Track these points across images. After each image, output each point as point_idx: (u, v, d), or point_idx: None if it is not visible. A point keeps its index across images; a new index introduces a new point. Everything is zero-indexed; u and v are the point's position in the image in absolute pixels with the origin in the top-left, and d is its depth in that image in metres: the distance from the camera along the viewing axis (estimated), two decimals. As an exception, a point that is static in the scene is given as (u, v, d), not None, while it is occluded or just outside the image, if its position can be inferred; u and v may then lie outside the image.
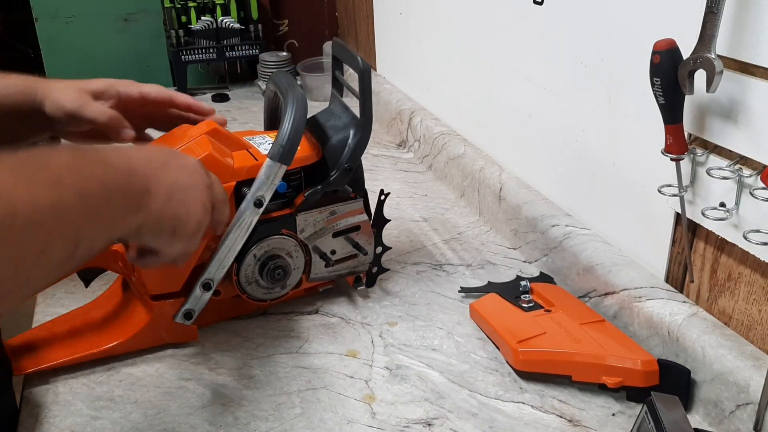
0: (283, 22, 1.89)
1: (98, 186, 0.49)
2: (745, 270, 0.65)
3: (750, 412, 0.60)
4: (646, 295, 0.72)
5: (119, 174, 0.52)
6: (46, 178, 0.45)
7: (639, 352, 0.68)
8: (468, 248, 0.97)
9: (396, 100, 1.40)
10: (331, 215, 0.79)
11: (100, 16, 2.05)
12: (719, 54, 0.59)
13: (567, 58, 0.86)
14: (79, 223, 0.47)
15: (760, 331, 0.64)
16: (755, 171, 0.60)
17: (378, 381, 0.71)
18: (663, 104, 0.64)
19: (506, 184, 0.99)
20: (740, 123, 0.61)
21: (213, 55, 1.69)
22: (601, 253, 0.81)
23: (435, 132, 1.21)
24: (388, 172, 1.24)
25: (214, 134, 0.73)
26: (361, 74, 0.75)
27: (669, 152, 0.65)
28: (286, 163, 0.70)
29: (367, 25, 1.60)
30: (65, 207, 0.45)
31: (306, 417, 0.66)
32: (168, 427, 0.65)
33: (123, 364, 0.73)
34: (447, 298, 0.86)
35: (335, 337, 0.78)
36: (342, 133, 0.78)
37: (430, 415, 0.67)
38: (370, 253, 0.83)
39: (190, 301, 0.72)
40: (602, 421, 0.66)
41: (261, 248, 0.75)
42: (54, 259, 0.45)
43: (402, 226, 1.03)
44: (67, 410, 0.67)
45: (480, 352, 0.76)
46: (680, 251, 0.72)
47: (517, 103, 0.99)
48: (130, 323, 0.74)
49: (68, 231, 0.46)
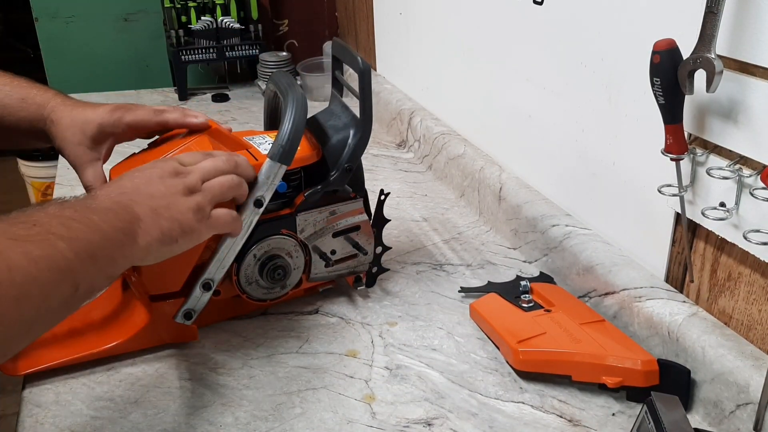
0: (283, 22, 1.89)
1: (88, 230, 0.51)
2: (745, 270, 0.65)
3: (750, 412, 0.60)
4: (646, 295, 0.72)
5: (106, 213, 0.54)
6: (36, 234, 0.47)
7: (639, 352, 0.68)
8: (468, 248, 0.97)
9: (396, 100, 1.40)
10: (331, 215, 0.79)
11: (100, 16, 2.06)
12: (719, 54, 0.59)
13: (567, 58, 0.86)
14: (76, 268, 0.49)
15: (760, 331, 0.64)
16: (755, 171, 0.60)
17: (378, 381, 0.71)
18: (663, 104, 0.64)
19: (506, 184, 0.99)
20: (740, 123, 0.61)
21: (213, 55, 1.69)
22: (601, 253, 0.81)
23: (435, 132, 1.21)
24: (388, 172, 1.24)
25: (215, 134, 0.73)
26: (361, 74, 0.75)
27: (669, 152, 0.65)
28: (286, 163, 0.70)
29: (367, 25, 1.60)
30: (59, 257, 0.47)
31: (306, 417, 0.66)
32: (168, 427, 0.65)
33: (123, 364, 0.73)
34: (447, 298, 0.86)
35: (335, 337, 0.78)
36: (342, 133, 0.78)
37: (430, 415, 0.67)
38: (370, 253, 0.83)
39: (190, 301, 0.72)
40: (602, 421, 0.66)
41: (261, 248, 0.75)
42: (54, 306, 0.47)
43: (402, 226, 1.03)
44: (67, 410, 0.67)
45: (480, 352, 0.76)
46: (680, 251, 0.72)
47: (517, 103, 0.99)
48: (130, 323, 0.74)
49: (66, 277, 0.48)
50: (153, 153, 0.74)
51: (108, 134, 0.73)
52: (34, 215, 0.49)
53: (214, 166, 0.65)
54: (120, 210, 0.56)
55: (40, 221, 0.49)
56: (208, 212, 0.62)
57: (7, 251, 0.44)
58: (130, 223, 0.55)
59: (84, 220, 0.51)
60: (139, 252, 0.56)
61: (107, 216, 0.54)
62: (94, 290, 0.52)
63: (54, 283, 0.47)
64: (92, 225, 0.52)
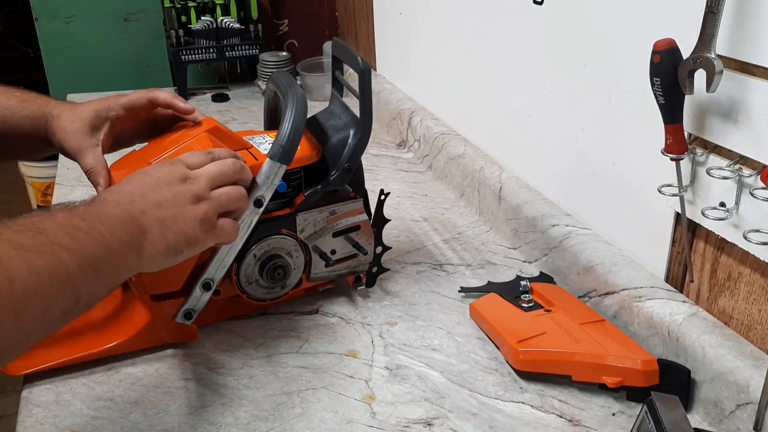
0: (283, 22, 1.89)
1: (95, 243, 0.51)
2: (745, 270, 0.65)
3: (750, 412, 0.60)
4: (646, 295, 0.72)
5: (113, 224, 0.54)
6: (41, 243, 0.47)
7: (639, 351, 0.68)
8: (468, 248, 0.97)
9: (396, 100, 1.40)
10: (331, 215, 0.79)
11: (100, 16, 2.06)
12: (719, 54, 0.59)
13: (567, 58, 0.86)
14: (78, 280, 0.48)
15: (760, 330, 0.64)
16: (755, 171, 0.60)
17: (378, 381, 0.71)
18: (663, 104, 0.64)
19: (506, 184, 0.99)
20: (740, 123, 0.61)
21: (213, 55, 1.69)
22: (601, 253, 0.81)
23: (435, 132, 1.21)
24: (388, 172, 1.24)
25: (215, 132, 0.73)
26: (361, 74, 0.75)
27: (669, 152, 0.65)
28: (286, 163, 0.70)
29: (367, 25, 1.60)
30: (62, 269, 0.47)
31: (306, 417, 0.66)
32: (168, 427, 0.65)
33: (123, 364, 0.73)
34: (447, 298, 0.86)
35: (335, 337, 0.78)
36: (342, 133, 0.78)
37: (430, 415, 0.67)
38: (370, 253, 0.83)
39: (190, 301, 0.72)
40: (602, 421, 0.66)
41: (261, 248, 0.75)
42: (54, 315, 0.47)
43: (402, 226, 1.03)
44: (67, 410, 0.67)
45: (480, 352, 0.76)
46: (680, 251, 0.72)
47: (517, 103, 0.99)
48: (130, 323, 0.74)
49: (67, 290, 0.48)
50: (153, 148, 0.74)
51: (104, 118, 0.74)
52: (41, 222, 0.49)
53: (221, 172, 0.65)
54: (128, 221, 0.56)
55: (47, 230, 0.48)
56: (214, 222, 0.63)
57: (10, 262, 0.44)
58: (137, 237, 0.56)
59: (91, 231, 0.51)
60: (143, 263, 0.57)
61: (114, 228, 0.53)
62: (94, 300, 0.52)
63: (55, 296, 0.46)
64: (99, 237, 0.51)
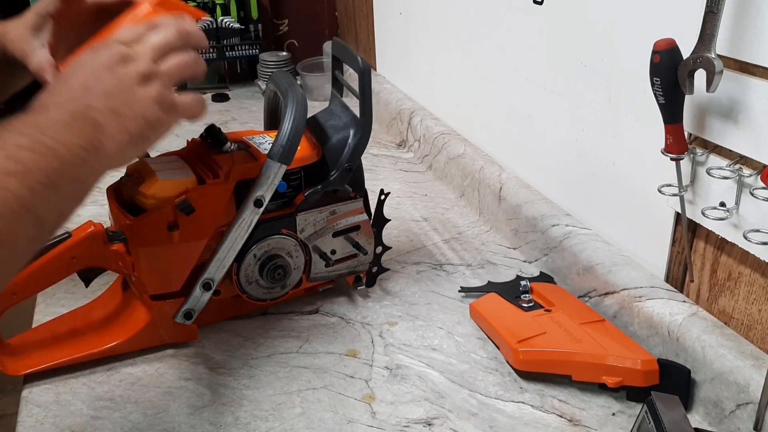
0: (283, 22, 1.89)
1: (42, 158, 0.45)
2: (745, 270, 0.65)
3: (750, 412, 0.60)
4: (646, 295, 0.72)
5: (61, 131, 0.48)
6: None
7: (639, 351, 0.68)
8: (468, 248, 0.97)
9: (396, 100, 1.40)
10: (331, 215, 0.79)
11: (100, 16, 2.05)
12: (719, 54, 0.59)
13: (567, 58, 0.86)
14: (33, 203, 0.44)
15: (760, 330, 0.64)
16: (755, 171, 0.60)
17: (378, 381, 0.71)
18: (663, 104, 0.64)
19: (506, 183, 0.99)
20: (740, 123, 0.61)
21: (213, 55, 1.68)
22: (601, 253, 0.81)
23: (435, 132, 1.21)
24: (388, 171, 1.24)
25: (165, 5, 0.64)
26: (361, 74, 0.75)
27: (669, 152, 0.65)
28: (286, 163, 0.70)
29: (367, 25, 1.60)
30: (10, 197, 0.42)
31: (306, 417, 0.66)
32: (168, 427, 0.65)
33: (123, 364, 0.73)
34: (447, 297, 0.86)
35: (335, 337, 0.78)
36: (342, 133, 0.78)
37: (430, 414, 0.67)
38: (370, 253, 0.83)
39: (190, 301, 0.72)
40: (602, 420, 0.66)
41: (261, 248, 0.75)
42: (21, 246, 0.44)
43: (402, 226, 1.03)
44: (67, 410, 0.67)
45: (480, 352, 0.76)
46: (680, 251, 0.72)
47: (517, 103, 0.99)
48: (130, 323, 0.74)
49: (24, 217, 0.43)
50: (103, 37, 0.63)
51: (44, 15, 0.68)
52: None
53: (164, 41, 0.56)
54: (76, 122, 0.49)
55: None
56: (172, 99, 0.55)
57: None
58: (91, 135, 0.49)
59: (35, 147, 0.45)
60: (109, 161, 0.51)
61: (63, 134, 0.47)
62: (63, 216, 0.47)
63: (12, 228, 0.42)
64: (44, 150, 0.45)
